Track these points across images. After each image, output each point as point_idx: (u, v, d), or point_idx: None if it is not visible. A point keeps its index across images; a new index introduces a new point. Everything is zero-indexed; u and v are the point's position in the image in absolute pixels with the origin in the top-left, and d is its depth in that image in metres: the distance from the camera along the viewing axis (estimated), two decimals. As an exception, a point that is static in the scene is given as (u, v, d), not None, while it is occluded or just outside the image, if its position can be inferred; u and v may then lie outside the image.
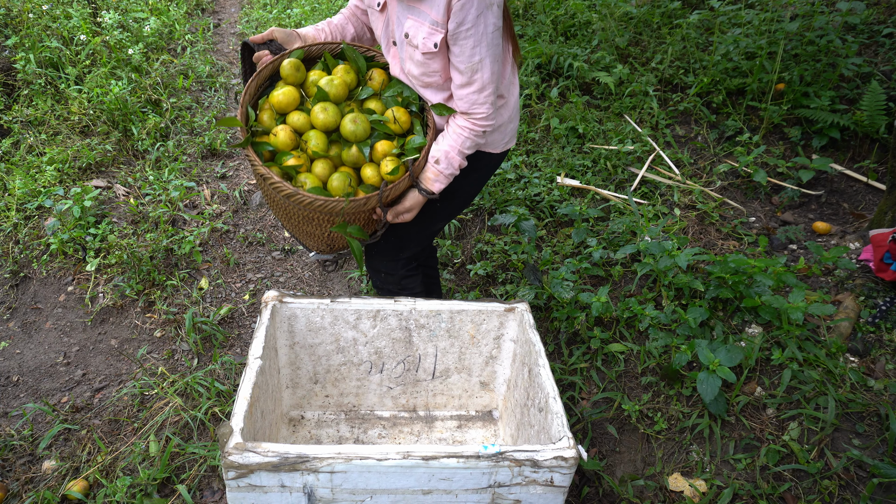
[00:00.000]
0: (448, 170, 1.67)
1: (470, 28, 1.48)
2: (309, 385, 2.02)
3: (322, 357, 1.96)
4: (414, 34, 1.57)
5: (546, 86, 3.77)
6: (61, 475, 1.92)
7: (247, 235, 3.01)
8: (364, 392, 2.04)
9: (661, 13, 4.08)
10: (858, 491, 1.70)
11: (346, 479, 1.35)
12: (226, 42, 5.34)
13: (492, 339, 1.94)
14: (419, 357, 1.98)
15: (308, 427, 2.03)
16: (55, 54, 3.87)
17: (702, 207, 2.86)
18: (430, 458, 1.33)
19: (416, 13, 1.55)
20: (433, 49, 1.56)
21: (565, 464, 1.36)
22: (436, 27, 1.52)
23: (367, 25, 1.88)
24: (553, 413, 1.52)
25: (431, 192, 1.70)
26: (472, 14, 1.46)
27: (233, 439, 1.34)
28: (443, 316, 1.89)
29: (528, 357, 1.77)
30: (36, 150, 3.37)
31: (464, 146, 1.65)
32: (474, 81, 1.56)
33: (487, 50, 1.52)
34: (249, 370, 1.59)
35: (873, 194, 2.90)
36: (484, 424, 2.06)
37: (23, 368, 2.36)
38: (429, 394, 2.06)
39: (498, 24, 1.52)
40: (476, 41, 1.50)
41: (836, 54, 3.29)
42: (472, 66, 1.54)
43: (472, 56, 1.52)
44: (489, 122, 1.63)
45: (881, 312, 2.14)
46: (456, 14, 1.47)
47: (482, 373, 2.02)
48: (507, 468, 1.36)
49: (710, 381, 1.84)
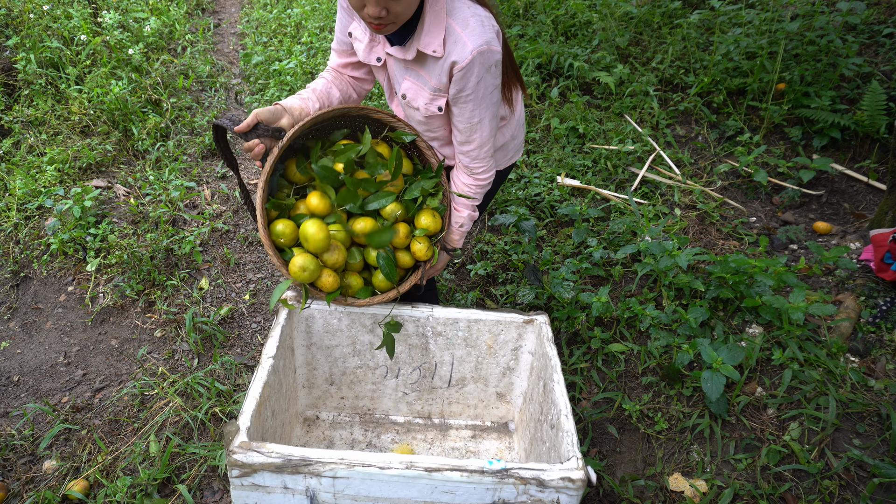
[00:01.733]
0: (468, 226, 1.78)
1: (470, 94, 1.48)
2: (325, 386, 2.02)
3: (338, 359, 1.96)
4: (413, 97, 1.58)
5: (546, 86, 3.77)
6: (62, 475, 1.92)
7: (247, 235, 3.01)
8: (379, 396, 2.04)
9: (662, 13, 4.08)
10: (859, 491, 1.70)
11: (349, 485, 1.34)
12: (226, 42, 5.34)
13: (509, 350, 1.93)
14: (435, 364, 1.97)
15: (322, 427, 2.02)
16: (56, 54, 3.87)
17: (702, 207, 2.85)
18: (433, 470, 1.31)
19: (414, 76, 1.54)
20: (437, 113, 1.57)
21: (573, 485, 1.31)
22: (438, 93, 1.53)
23: (352, 86, 1.80)
24: (564, 431, 1.49)
25: (456, 248, 1.81)
26: (472, 80, 1.46)
27: (238, 438, 1.34)
28: (460, 324, 1.88)
29: (545, 371, 1.75)
30: (36, 150, 3.37)
31: (475, 202, 1.74)
32: (473, 140, 1.59)
33: (486, 110, 1.53)
34: (261, 369, 1.59)
35: (874, 194, 2.90)
36: (499, 436, 2.04)
37: (23, 368, 2.36)
38: (444, 401, 2.05)
39: (497, 83, 1.51)
40: (476, 104, 1.51)
41: (836, 54, 3.29)
42: (472, 126, 1.55)
43: (471, 118, 1.54)
44: (490, 174, 1.69)
45: (882, 312, 2.14)
46: (457, 82, 1.47)
47: (499, 384, 2.01)
48: (513, 486, 1.32)
49: (714, 379, 1.84)
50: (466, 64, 1.42)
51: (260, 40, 5.12)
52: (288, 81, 4.20)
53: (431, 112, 1.57)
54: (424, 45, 1.45)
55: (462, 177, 1.70)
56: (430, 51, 1.45)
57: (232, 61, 4.94)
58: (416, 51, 1.48)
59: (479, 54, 1.41)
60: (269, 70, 4.41)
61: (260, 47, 4.88)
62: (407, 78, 1.56)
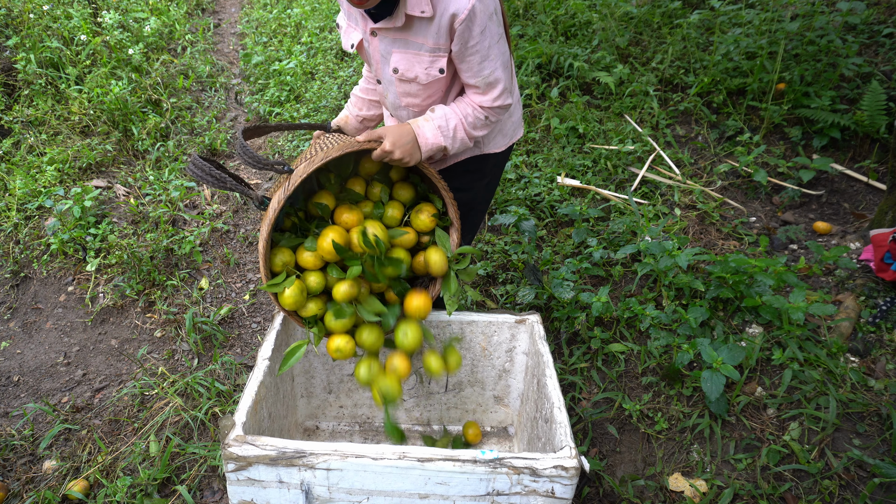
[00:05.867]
0: (449, 133, 1.58)
1: (476, 44, 1.45)
2: (323, 395, 2.02)
3: (335, 366, 1.96)
4: (407, 68, 1.53)
5: (546, 86, 3.77)
6: (62, 475, 1.92)
7: (247, 235, 3.01)
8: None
9: (662, 13, 4.08)
10: (859, 491, 1.70)
11: (343, 477, 1.35)
12: (226, 42, 5.34)
13: (504, 351, 1.92)
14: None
15: (322, 437, 2.03)
16: (56, 54, 3.87)
17: (702, 207, 2.85)
18: (425, 461, 1.32)
19: (404, 45, 1.50)
20: (439, 76, 1.52)
21: (566, 473, 1.32)
22: (437, 53, 1.48)
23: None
24: (557, 423, 1.49)
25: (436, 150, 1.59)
26: (476, 30, 1.43)
27: (234, 432, 1.36)
28: (453, 327, 1.88)
29: (538, 368, 1.75)
30: (36, 150, 3.37)
31: (473, 124, 1.59)
32: (489, 92, 1.54)
33: (496, 60, 1.49)
34: (257, 369, 1.60)
35: (874, 194, 2.90)
36: (499, 440, 2.04)
37: (23, 368, 2.36)
38: (442, 407, 2.05)
39: (500, 31, 1.48)
40: (483, 55, 1.47)
41: (836, 54, 3.29)
42: (485, 78, 1.51)
43: (480, 70, 1.49)
44: (509, 101, 1.59)
45: (882, 312, 2.14)
46: (461, 35, 1.43)
47: (496, 386, 2.01)
48: (506, 475, 1.33)
49: (714, 378, 1.84)
50: (467, 13, 1.39)
51: (260, 40, 5.11)
52: (288, 81, 4.20)
53: (433, 77, 1.52)
54: (412, 7, 1.41)
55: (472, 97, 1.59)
56: (419, 12, 1.41)
57: (232, 61, 4.94)
58: (405, 15, 1.44)
59: (478, 1, 1.39)
60: (269, 70, 4.41)
61: (260, 47, 4.88)
62: (396, 51, 1.52)
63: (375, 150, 1.50)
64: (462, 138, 1.58)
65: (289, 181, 1.45)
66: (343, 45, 1.65)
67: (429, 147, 1.55)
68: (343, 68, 4.35)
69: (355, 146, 1.49)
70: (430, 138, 1.54)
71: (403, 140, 1.51)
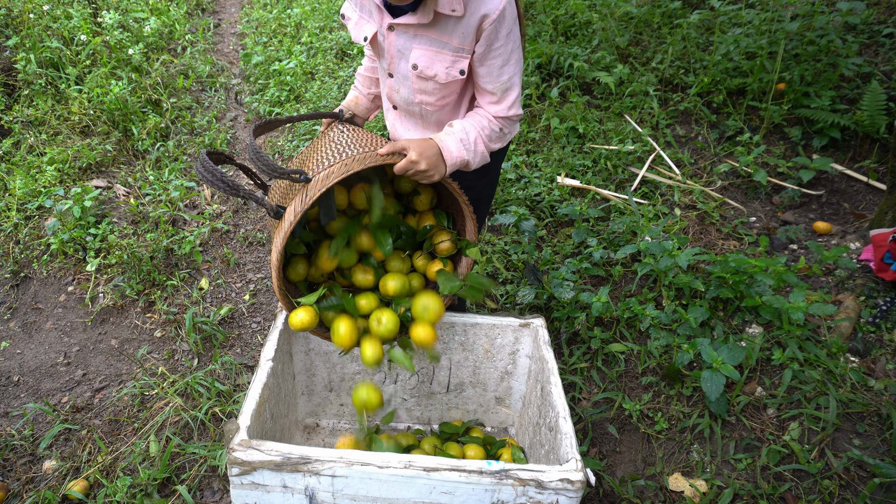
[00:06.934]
0: (471, 146, 1.55)
1: (500, 46, 1.43)
2: (324, 392, 2.02)
3: (337, 365, 1.96)
4: (428, 65, 1.49)
5: (546, 86, 3.77)
6: (62, 475, 1.92)
7: (247, 235, 3.01)
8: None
9: (662, 13, 4.08)
10: (859, 491, 1.70)
11: (347, 484, 1.34)
12: (226, 42, 5.34)
13: (507, 354, 1.92)
14: (433, 369, 1.96)
15: (322, 435, 2.02)
16: (55, 54, 3.87)
17: (702, 207, 2.85)
18: (431, 470, 1.31)
19: (427, 42, 1.47)
20: (459, 77, 1.49)
21: (571, 487, 1.31)
22: (461, 54, 1.46)
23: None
24: (562, 433, 1.48)
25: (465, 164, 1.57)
26: (503, 32, 1.41)
27: (238, 436, 1.35)
28: (456, 329, 1.88)
29: (542, 374, 1.75)
30: (36, 150, 3.37)
31: (489, 137, 1.58)
32: (504, 100, 1.53)
33: (515, 66, 1.48)
34: (260, 371, 1.59)
35: (874, 194, 2.90)
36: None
37: (23, 368, 2.36)
38: (444, 407, 2.05)
39: (520, 38, 1.48)
40: (504, 59, 1.46)
41: (836, 54, 3.29)
42: (503, 84, 1.50)
43: (500, 75, 1.48)
44: (521, 111, 1.59)
45: (882, 312, 2.13)
46: (488, 36, 1.41)
47: (497, 388, 2.00)
48: (511, 487, 1.32)
49: (714, 378, 1.84)
50: (498, 15, 1.38)
51: (260, 40, 5.11)
52: (288, 81, 4.20)
53: (452, 77, 1.49)
54: (443, 5, 1.39)
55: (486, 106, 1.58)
56: (449, 10, 1.39)
57: (232, 61, 4.94)
58: (434, 12, 1.41)
59: (508, 3, 1.38)
60: (269, 70, 4.41)
61: (260, 47, 4.88)
62: (417, 46, 1.48)
63: (398, 162, 1.44)
64: (482, 151, 1.56)
65: (305, 192, 1.38)
66: (353, 38, 1.61)
67: (453, 160, 1.50)
68: (343, 68, 4.35)
69: (378, 160, 1.43)
70: (454, 151, 1.50)
71: (429, 152, 1.45)
